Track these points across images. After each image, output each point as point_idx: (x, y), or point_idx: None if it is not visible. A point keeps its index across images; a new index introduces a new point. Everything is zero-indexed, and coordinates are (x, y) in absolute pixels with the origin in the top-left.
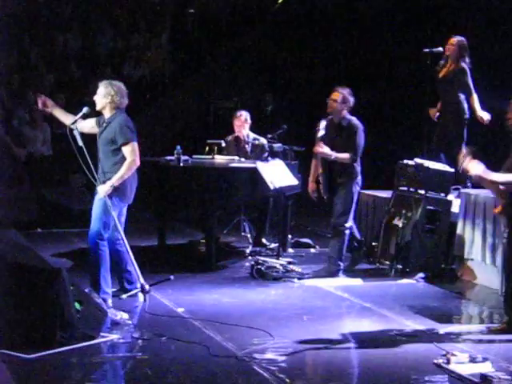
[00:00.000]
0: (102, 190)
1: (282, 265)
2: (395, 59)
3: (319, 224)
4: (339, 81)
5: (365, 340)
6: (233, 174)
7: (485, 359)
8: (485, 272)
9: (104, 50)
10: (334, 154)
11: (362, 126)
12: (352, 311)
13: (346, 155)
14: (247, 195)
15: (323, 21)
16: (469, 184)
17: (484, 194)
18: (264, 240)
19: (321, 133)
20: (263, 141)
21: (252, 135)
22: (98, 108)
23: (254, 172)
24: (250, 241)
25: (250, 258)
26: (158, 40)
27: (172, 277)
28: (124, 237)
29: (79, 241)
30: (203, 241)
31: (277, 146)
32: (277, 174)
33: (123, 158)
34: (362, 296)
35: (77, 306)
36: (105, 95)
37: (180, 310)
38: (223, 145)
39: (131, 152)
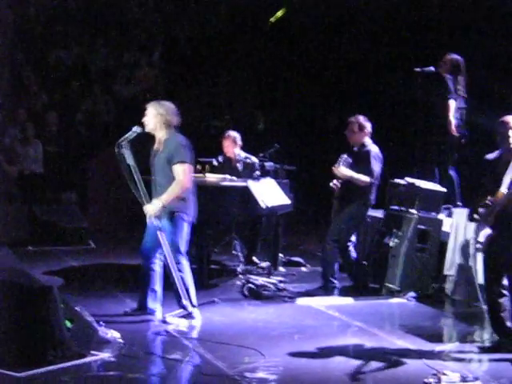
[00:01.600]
0: (151, 208)
1: (273, 283)
2: (387, 77)
3: (310, 243)
4: (331, 99)
5: (356, 359)
6: (224, 192)
7: (475, 378)
8: (475, 291)
9: (96, 68)
10: (352, 174)
11: (375, 150)
12: (343, 330)
13: (364, 176)
14: (238, 214)
15: (315, 39)
16: (460, 204)
17: None
18: (255, 258)
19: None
20: (254, 159)
21: (243, 154)
22: (148, 129)
23: (246, 191)
24: (241, 259)
25: (241, 276)
26: (149, 58)
27: (216, 299)
28: (171, 257)
29: (70, 259)
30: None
31: (268, 164)
32: (268, 193)
33: None
34: (353, 315)
35: (68, 324)
36: (155, 115)
37: (171, 328)
38: (215, 163)
39: (182, 172)
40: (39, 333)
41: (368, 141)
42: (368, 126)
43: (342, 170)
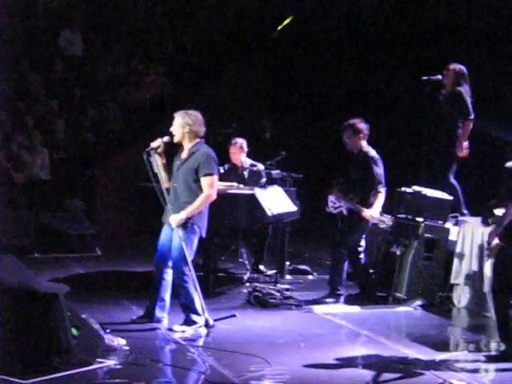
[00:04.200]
0: (175, 219)
1: (279, 291)
2: (394, 85)
3: (317, 251)
4: (338, 107)
5: (362, 368)
6: (231, 200)
7: None
8: (482, 300)
9: (103, 75)
10: (377, 207)
11: (373, 154)
12: (349, 339)
13: (381, 196)
14: (245, 221)
15: (322, 47)
16: (466, 212)
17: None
18: (262, 267)
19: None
20: (261, 167)
21: (249, 161)
22: (176, 140)
23: (253, 198)
24: (248, 267)
25: (247, 284)
26: (156, 66)
27: (237, 314)
28: (192, 269)
29: (76, 266)
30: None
31: (275, 172)
32: (275, 201)
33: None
34: (360, 323)
35: (73, 331)
36: (182, 125)
37: (177, 335)
38: (221, 171)
39: (210, 185)
40: (45, 340)
41: (364, 144)
42: (364, 129)
43: (371, 213)
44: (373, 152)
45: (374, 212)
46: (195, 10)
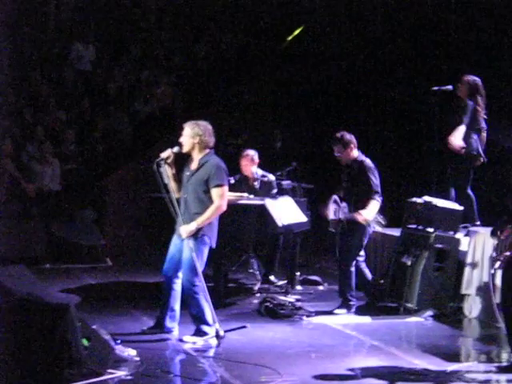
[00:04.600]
0: (185, 230)
1: (290, 302)
2: (406, 96)
3: (328, 261)
4: (349, 117)
5: (373, 378)
6: (242, 210)
7: None
8: (493, 311)
9: (114, 85)
10: (371, 213)
11: (368, 163)
12: (360, 349)
13: (375, 204)
14: (256, 232)
15: (332, 57)
16: (478, 222)
17: None
18: (272, 277)
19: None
20: (271, 177)
21: (260, 172)
22: (185, 150)
23: (263, 209)
24: (259, 278)
25: (258, 295)
26: (167, 76)
27: (247, 324)
28: (202, 279)
29: (87, 276)
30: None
31: (285, 183)
32: (286, 211)
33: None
34: (371, 334)
35: (84, 342)
36: (193, 136)
37: (188, 346)
38: (232, 182)
39: (220, 196)
40: (56, 351)
41: (357, 154)
42: (352, 140)
43: (365, 216)
44: (368, 161)
45: (368, 215)
46: (206, 21)
